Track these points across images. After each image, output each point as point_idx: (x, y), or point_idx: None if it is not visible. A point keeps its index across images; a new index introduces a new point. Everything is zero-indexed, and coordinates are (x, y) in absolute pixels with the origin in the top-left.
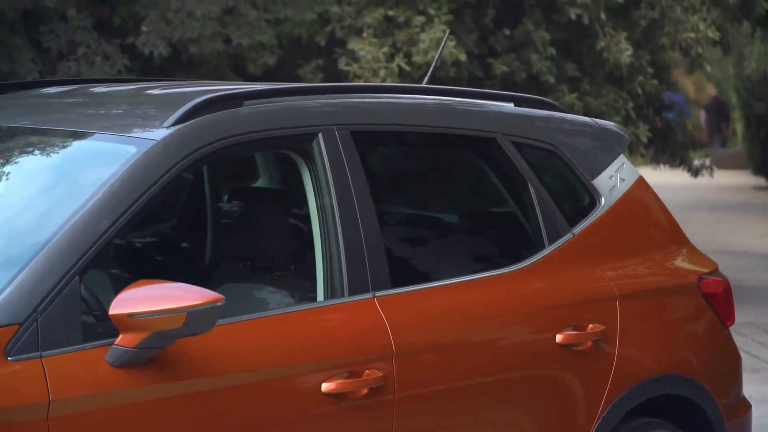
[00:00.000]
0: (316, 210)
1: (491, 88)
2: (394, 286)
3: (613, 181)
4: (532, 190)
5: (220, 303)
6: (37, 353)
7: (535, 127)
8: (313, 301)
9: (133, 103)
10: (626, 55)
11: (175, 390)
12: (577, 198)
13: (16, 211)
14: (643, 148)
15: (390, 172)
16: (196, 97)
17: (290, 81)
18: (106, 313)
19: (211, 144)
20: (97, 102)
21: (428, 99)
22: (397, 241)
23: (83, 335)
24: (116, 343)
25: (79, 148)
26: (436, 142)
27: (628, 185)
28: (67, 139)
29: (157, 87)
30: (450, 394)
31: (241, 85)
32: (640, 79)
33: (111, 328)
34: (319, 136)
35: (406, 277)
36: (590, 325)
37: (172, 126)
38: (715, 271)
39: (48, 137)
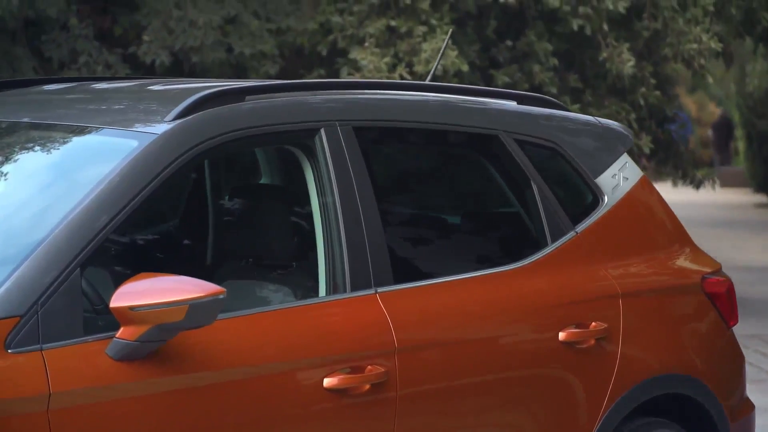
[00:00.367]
0: (318, 205)
1: None
2: (397, 283)
3: (616, 179)
4: (534, 187)
5: (222, 296)
6: (38, 346)
7: (538, 125)
8: (315, 296)
9: (135, 98)
10: (629, 66)
11: (176, 384)
12: (579, 196)
13: (17, 205)
14: (645, 160)
15: (392, 169)
16: (198, 93)
17: None
18: (107, 307)
19: (213, 138)
20: (99, 98)
21: (431, 96)
22: (399, 237)
23: (84, 328)
24: (117, 336)
25: (81, 142)
26: (438, 139)
27: (631, 184)
28: (69, 134)
29: (159, 83)
30: (452, 390)
31: (243, 82)
32: (643, 90)
33: (112, 322)
34: (321, 131)
35: (409, 274)
36: (593, 323)
37: (173, 120)
38: (718, 271)
39: (50, 132)
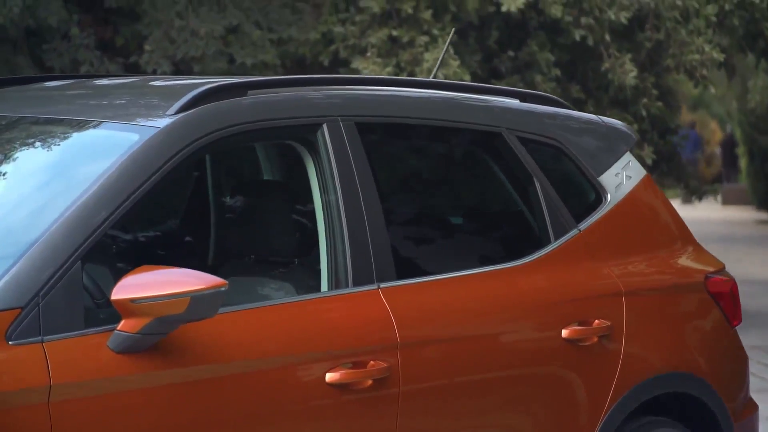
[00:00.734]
0: (320, 200)
1: None
2: (399, 278)
3: (619, 178)
4: (537, 185)
5: (223, 288)
6: (39, 338)
7: (541, 123)
8: (318, 291)
9: (137, 93)
10: (631, 77)
11: (177, 377)
12: (583, 194)
13: (19, 199)
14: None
15: (395, 165)
16: (199, 87)
17: None
18: (108, 301)
19: (214, 132)
20: (100, 93)
21: (434, 93)
22: (401, 233)
23: (85, 321)
24: (118, 328)
25: (82, 136)
26: (441, 136)
27: (634, 183)
28: (70, 128)
29: (160, 79)
30: (455, 386)
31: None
32: (645, 101)
33: (113, 315)
34: (324, 126)
35: (412, 269)
36: (596, 321)
37: (175, 114)
38: (721, 271)
39: (51, 126)
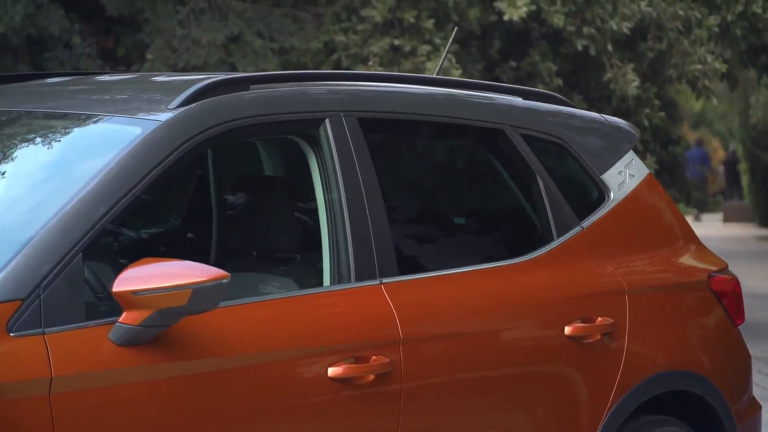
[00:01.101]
0: (323, 196)
1: None
2: (401, 274)
3: (622, 176)
4: (540, 182)
5: (226, 280)
6: (40, 330)
7: (544, 121)
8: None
9: (139, 88)
10: (633, 87)
11: (178, 370)
12: (585, 192)
13: (21, 191)
14: None
15: (397, 161)
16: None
17: None
18: (110, 295)
19: (216, 126)
20: (102, 88)
21: (437, 89)
22: (404, 229)
23: (86, 313)
24: (120, 321)
25: (85, 129)
26: (443, 132)
27: (637, 181)
28: (73, 122)
29: (163, 75)
30: (457, 382)
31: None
32: (647, 111)
33: (115, 308)
34: (326, 121)
35: (414, 265)
36: (599, 318)
37: (177, 108)
38: (724, 270)
39: (54, 120)
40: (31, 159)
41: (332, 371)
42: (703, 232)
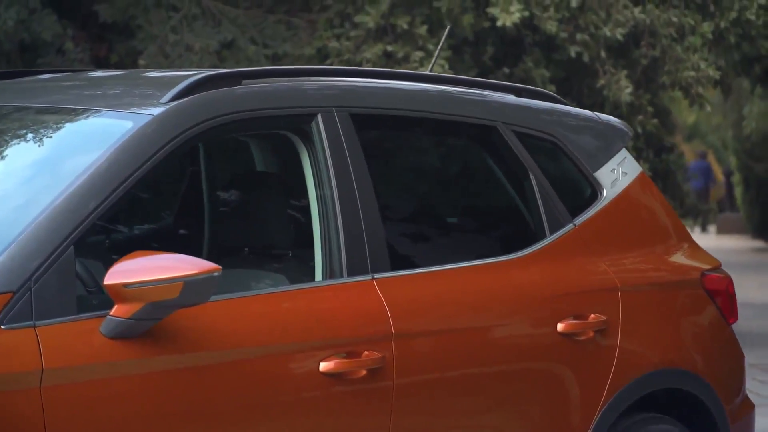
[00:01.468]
0: (315, 191)
1: None
2: (393, 270)
3: (615, 174)
4: (533, 179)
5: (217, 273)
6: (31, 322)
7: (537, 118)
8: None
9: (131, 84)
10: (626, 94)
11: (170, 364)
12: (578, 189)
13: (12, 184)
14: None
15: (390, 157)
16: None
17: None
18: (101, 290)
19: (208, 121)
20: (94, 84)
21: (430, 86)
22: (396, 225)
23: (77, 306)
24: (111, 313)
25: (77, 123)
26: (436, 129)
27: (630, 179)
28: (65, 116)
29: (155, 71)
30: (449, 377)
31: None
32: (640, 118)
33: (106, 301)
34: (318, 117)
35: (406, 261)
36: (592, 315)
37: (168, 102)
38: (718, 268)
39: (46, 115)
40: (24, 153)
41: (324, 366)
42: (700, 243)
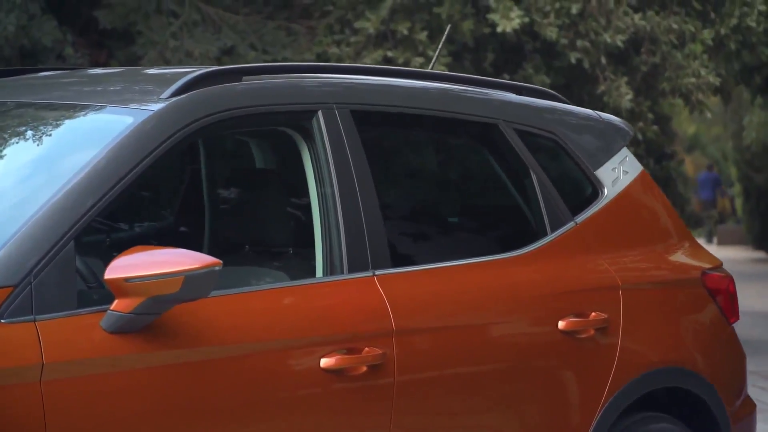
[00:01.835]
0: (315, 188)
1: None
2: (395, 266)
3: (616, 173)
4: (534, 177)
5: (218, 267)
6: (31, 317)
7: (539, 117)
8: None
9: (131, 80)
10: (626, 100)
11: (170, 359)
12: (579, 188)
13: (13, 179)
14: None
15: (391, 154)
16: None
17: None
18: (101, 285)
19: (208, 117)
20: (95, 81)
21: (431, 83)
22: (397, 222)
23: (78, 301)
24: (111, 308)
25: (78, 119)
26: (437, 126)
27: (631, 178)
28: (66, 112)
29: (155, 68)
30: (450, 375)
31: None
32: (640, 125)
33: (106, 296)
34: (319, 113)
35: (407, 258)
36: (593, 313)
37: (168, 98)
38: (719, 267)
39: (46, 111)
40: (24, 149)
41: (325, 362)
42: None
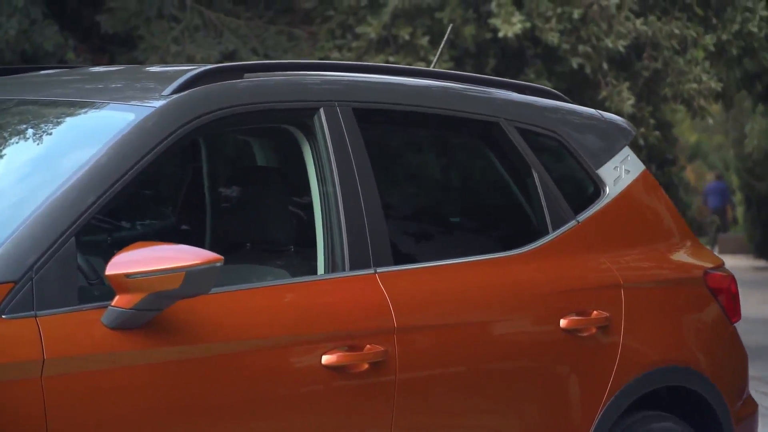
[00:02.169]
0: (317, 185)
1: None
2: (396, 264)
3: (618, 171)
4: (535, 175)
5: (219, 263)
6: (32, 312)
7: (541, 115)
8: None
9: (132, 78)
10: (628, 105)
11: (171, 355)
12: (581, 187)
13: (15, 175)
14: None
15: (392, 152)
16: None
17: None
18: (102, 281)
19: (209, 114)
20: (96, 78)
21: (433, 82)
22: (399, 219)
23: (79, 297)
24: (112, 304)
25: (80, 115)
26: (439, 124)
27: (632, 177)
28: (67, 109)
29: (157, 66)
30: (451, 372)
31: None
32: (642, 130)
33: (107, 292)
34: (321, 111)
35: (409, 256)
36: (595, 312)
37: (170, 95)
38: (720, 267)
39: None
40: (26, 145)
41: (326, 359)
42: None
